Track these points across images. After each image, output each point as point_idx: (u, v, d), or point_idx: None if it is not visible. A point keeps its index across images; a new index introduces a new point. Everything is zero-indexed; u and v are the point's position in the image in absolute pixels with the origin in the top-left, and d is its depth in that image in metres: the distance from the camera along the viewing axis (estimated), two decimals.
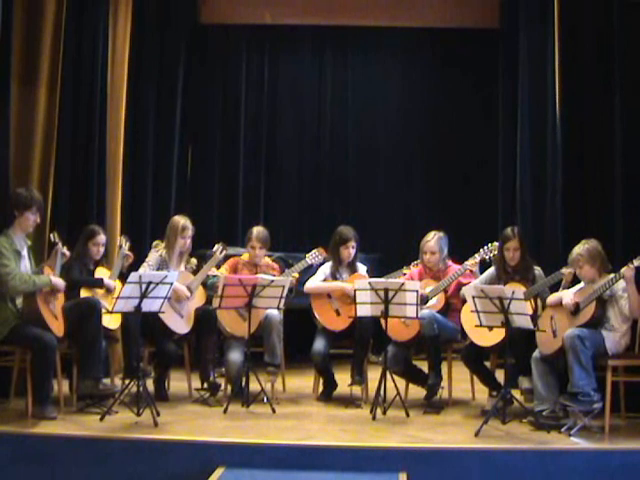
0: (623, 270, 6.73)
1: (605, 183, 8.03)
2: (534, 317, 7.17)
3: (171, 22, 10.41)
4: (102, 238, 8.05)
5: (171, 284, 7.18)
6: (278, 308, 7.72)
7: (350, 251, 8.21)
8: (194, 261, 8.27)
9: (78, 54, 8.95)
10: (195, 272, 8.12)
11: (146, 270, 7.83)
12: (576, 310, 7.00)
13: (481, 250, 7.80)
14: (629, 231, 7.63)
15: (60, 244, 7.49)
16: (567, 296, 7.10)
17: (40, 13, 8.36)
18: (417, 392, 7.89)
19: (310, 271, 8.39)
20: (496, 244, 7.77)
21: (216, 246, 8.18)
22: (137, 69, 9.95)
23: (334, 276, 8.25)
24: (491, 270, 7.83)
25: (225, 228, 11.06)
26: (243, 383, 7.62)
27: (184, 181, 10.89)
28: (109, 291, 7.86)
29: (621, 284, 6.89)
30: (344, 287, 8.06)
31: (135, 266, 7.95)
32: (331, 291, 8.15)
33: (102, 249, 8.06)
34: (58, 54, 8.52)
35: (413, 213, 11.27)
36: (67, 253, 7.59)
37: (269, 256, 8.58)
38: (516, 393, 7.24)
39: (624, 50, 7.89)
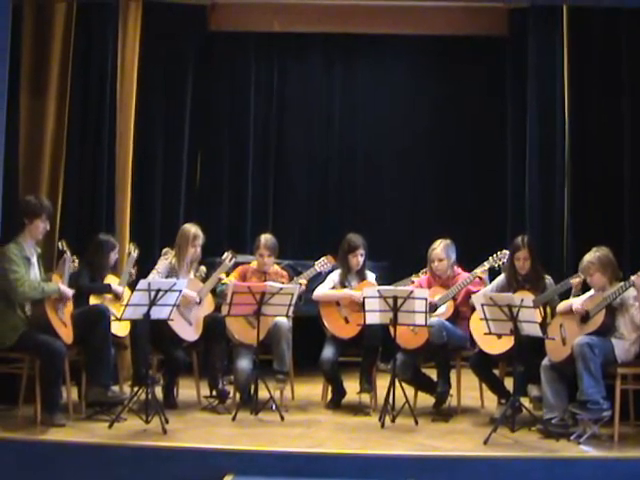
0: (633, 278, 6.72)
1: (614, 190, 8.03)
2: (543, 325, 7.17)
3: (180, 30, 10.39)
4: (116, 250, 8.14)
5: (180, 292, 7.19)
6: (287, 316, 7.72)
7: (359, 259, 8.21)
8: (203, 269, 8.27)
9: (87, 63, 8.98)
10: (204, 280, 8.13)
11: (155, 277, 7.84)
12: (585, 318, 6.99)
13: (490, 258, 7.79)
14: (638, 239, 7.62)
15: (68, 253, 7.52)
16: (577, 302, 7.09)
17: (49, 22, 8.40)
18: (426, 400, 7.88)
19: (319, 279, 8.39)
20: (505, 252, 7.75)
21: (225, 254, 8.20)
22: (146, 76, 9.93)
23: (343, 284, 8.25)
24: (501, 278, 7.82)
25: (234, 236, 11.03)
26: (252, 390, 7.63)
27: (193, 189, 10.88)
28: (117, 297, 7.90)
29: (632, 292, 6.86)
30: (352, 295, 8.06)
31: (144, 273, 7.95)
32: (339, 299, 8.15)
33: (114, 257, 8.11)
34: (67, 63, 8.54)
35: (422, 221, 11.22)
36: (75, 262, 7.63)
37: (278, 264, 8.58)
38: (525, 401, 7.25)
39: (632, 56, 7.91)
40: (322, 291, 8.22)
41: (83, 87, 8.94)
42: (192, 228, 8.14)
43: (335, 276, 8.29)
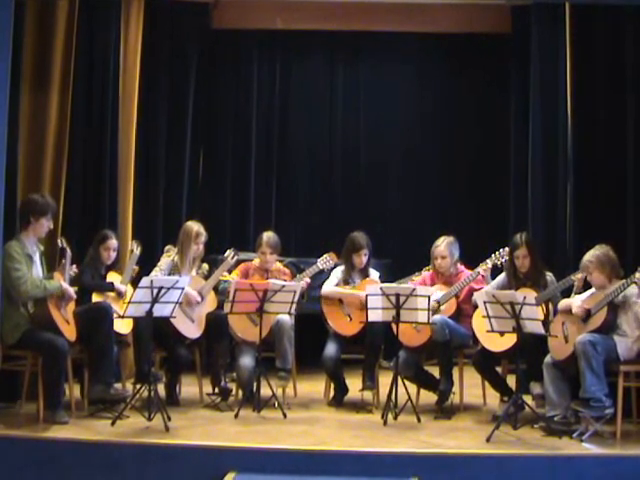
0: (636, 276, 6.70)
1: (617, 188, 8.03)
2: (546, 322, 7.16)
3: (183, 27, 10.41)
4: (113, 243, 8.07)
5: (182, 289, 7.19)
6: (289, 313, 7.73)
7: (362, 259, 8.20)
8: (206, 266, 8.28)
9: (90, 59, 9.02)
10: (207, 277, 8.13)
11: (157, 275, 7.84)
12: (587, 316, 6.98)
13: (493, 255, 7.79)
14: None
15: (69, 250, 7.50)
16: (576, 303, 7.08)
17: (52, 19, 8.40)
18: (428, 397, 7.89)
19: (322, 276, 8.39)
20: (508, 249, 7.75)
21: (228, 251, 8.19)
22: (149, 73, 9.96)
23: (346, 281, 8.24)
24: (502, 276, 7.82)
25: (236, 233, 11.05)
26: (254, 388, 7.62)
27: (195, 186, 10.89)
28: (120, 295, 7.89)
29: (634, 290, 6.87)
30: (361, 297, 7.97)
31: (146, 271, 7.95)
32: (346, 298, 8.12)
33: (113, 254, 8.08)
34: (70, 58, 8.55)
35: (425, 218, 11.21)
36: (74, 269, 7.62)
37: (280, 261, 8.57)
38: (527, 398, 7.22)
39: (636, 51, 7.90)
40: (329, 288, 8.20)
41: (86, 84, 8.97)
42: (195, 226, 8.15)
43: (339, 273, 8.28)
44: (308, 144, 11.53)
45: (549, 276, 7.65)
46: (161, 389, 7.80)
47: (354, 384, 8.11)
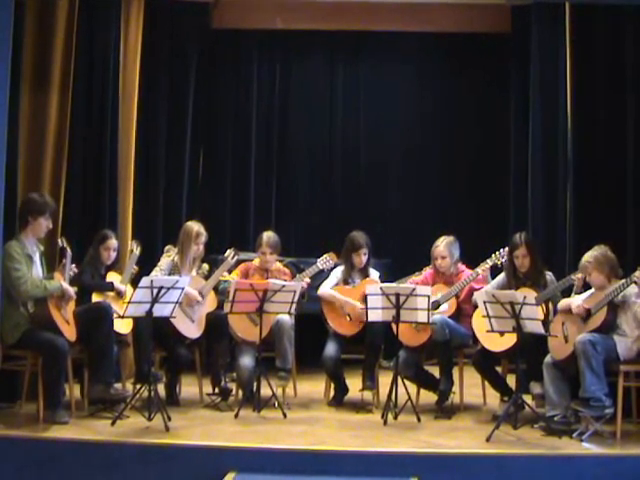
0: (637, 274, 6.69)
1: (617, 188, 8.03)
2: (545, 322, 7.15)
3: (183, 27, 10.42)
4: (113, 243, 8.07)
5: (182, 289, 7.18)
6: (289, 313, 7.73)
7: (362, 258, 8.20)
8: (206, 266, 8.28)
9: (90, 59, 9.03)
10: (207, 277, 8.13)
11: (158, 275, 7.84)
12: (587, 316, 6.98)
13: (493, 255, 7.79)
14: None
15: (69, 250, 7.50)
16: (576, 303, 7.07)
17: (52, 18, 8.40)
18: (428, 397, 7.88)
19: (321, 276, 8.38)
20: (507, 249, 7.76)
21: (228, 251, 8.19)
22: (149, 73, 9.97)
23: (346, 281, 8.23)
24: (502, 275, 7.81)
25: (237, 233, 11.05)
26: (254, 388, 7.62)
27: (195, 186, 10.89)
28: (120, 295, 7.89)
29: (634, 289, 6.86)
30: (356, 307, 7.99)
31: (146, 271, 7.95)
32: (343, 304, 8.11)
33: (113, 254, 8.08)
34: (70, 58, 8.54)
35: (425, 218, 11.20)
36: (74, 269, 7.61)
37: (280, 261, 8.57)
38: (527, 398, 7.22)
39: (635, 51, 7.90)
40: (327, 291, 8.19)
41: (86, 83, 8.97)
42: (195, 226, 8.14)
43: (338, 273, 8.28)
44: (308, 144, 11.54)
45: (549, 276, 7.64)
46: (161, 389, 7.80)
47: (354, 384, 8.11)
